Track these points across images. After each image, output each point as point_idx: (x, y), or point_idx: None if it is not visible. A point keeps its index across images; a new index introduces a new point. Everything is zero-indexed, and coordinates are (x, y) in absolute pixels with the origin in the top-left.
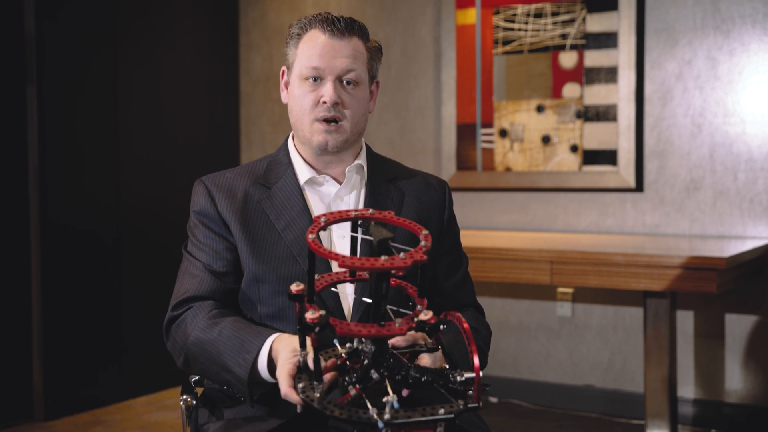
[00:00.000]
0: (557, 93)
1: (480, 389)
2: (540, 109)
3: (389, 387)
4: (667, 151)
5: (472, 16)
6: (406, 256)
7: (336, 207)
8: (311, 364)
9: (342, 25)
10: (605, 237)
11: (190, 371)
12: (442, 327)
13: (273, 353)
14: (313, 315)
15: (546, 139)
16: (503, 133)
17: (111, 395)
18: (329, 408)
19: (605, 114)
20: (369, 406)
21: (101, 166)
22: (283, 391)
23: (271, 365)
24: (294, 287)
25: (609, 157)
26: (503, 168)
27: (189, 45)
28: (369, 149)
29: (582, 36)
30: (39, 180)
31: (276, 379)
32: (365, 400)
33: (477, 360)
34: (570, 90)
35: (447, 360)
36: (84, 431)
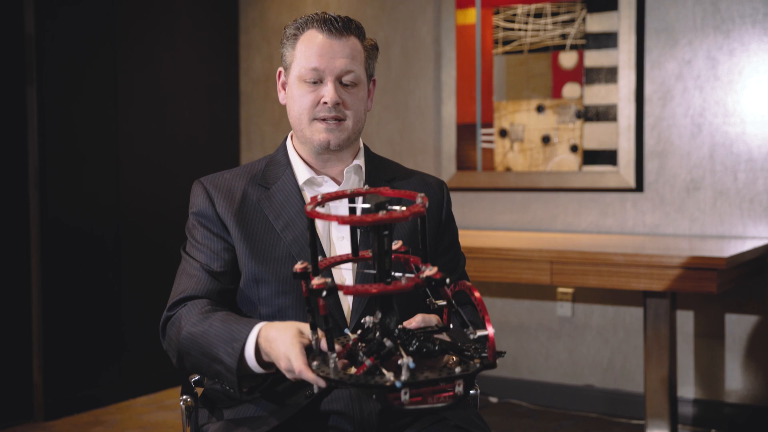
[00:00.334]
0: (557, 93)
1: (495, 348)
2: (540, 109)
3: (403, 353)
4: (667, 151)
5: (472, 16)
6: (404, 209)
7: (334, 207)
8: (324, 346)
9: (339, 25)
10: (605, 237)
11: (184, 368)
12: (447, 281)
13: (262, 340)
14: (319, 281)
15: (546, 139)
16: (503, 133)
17: (111, 395)
18: (345, 378)
19: (605, 114)
20: (385, 372)
21: (101, 166)
22: (298, 369)
23: (259, 355)
24: (298, 265)
25: (609, 157)
26: (503, 168)
27: (189, 45)
28: (367, 149)
29: (582, 36)
30: (39, 180)
31: (264, 369)
32: (380, 370)
33: (490, 326)
34: (570, 90)
35: (458, 318)
36: (84, 431)
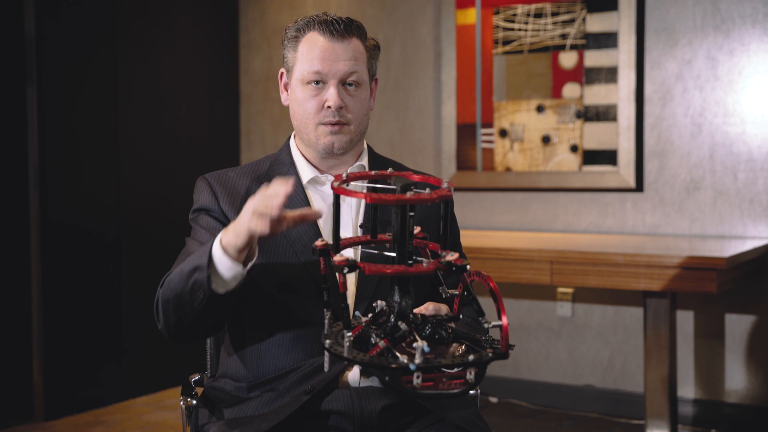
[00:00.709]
0: (557, 93)
1: (508, 338)
2: (540, 109)
3: (417, 337)
4: (667, 151)
5: (472, 16)
6: (431, 192)
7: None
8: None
9: (341, 27)
10: (605, 237)
11: (169, 324)
12: (467, 266)
13: (224, 234)
14: (341, 257)
15: (546, 139)
16: (503, 133)
17: (111, 395)
18: (358, 357)
19: (605, 114)
20: (398, 355)
21: (101, 166)
22: (268, 192)
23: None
24: (319, 242)
25: (609, 157)
26: (503, 168)
27: (189, 45)
28: (371, 150)
29: (582, 36)
30: (39, 180)
31: (237, 261)
32: (394, 352)
33: (505, 317)
34: (570, 90)
35: (476, 305)
36: (84, 431)
